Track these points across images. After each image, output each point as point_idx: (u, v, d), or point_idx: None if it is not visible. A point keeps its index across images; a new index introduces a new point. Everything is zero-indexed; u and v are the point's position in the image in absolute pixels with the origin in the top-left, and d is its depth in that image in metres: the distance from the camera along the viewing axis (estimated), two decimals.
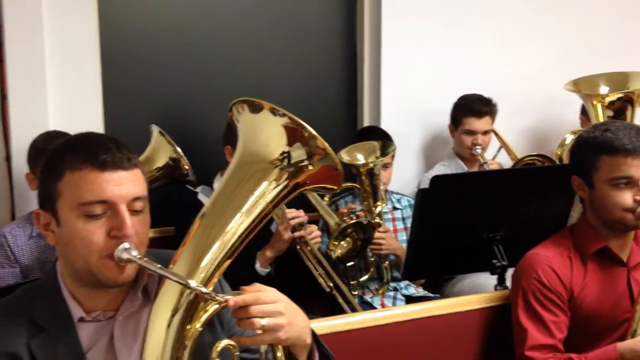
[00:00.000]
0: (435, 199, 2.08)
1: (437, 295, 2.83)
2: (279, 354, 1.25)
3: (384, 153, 2.66)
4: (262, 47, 3.13)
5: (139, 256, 1.21)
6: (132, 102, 2.92)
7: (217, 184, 2.66)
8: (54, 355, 1.23)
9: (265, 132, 1.22)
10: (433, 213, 2.10)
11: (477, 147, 3.05)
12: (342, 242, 2.51)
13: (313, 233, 2.45)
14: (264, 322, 1.18)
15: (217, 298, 1.17)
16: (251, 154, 1.23)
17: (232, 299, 1.18)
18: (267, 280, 2.34)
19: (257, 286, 1.23)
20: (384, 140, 2.75)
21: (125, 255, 1.20)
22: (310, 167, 1.22)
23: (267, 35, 3.13)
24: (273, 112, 1.22)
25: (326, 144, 1.21)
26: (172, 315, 1.18)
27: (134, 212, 1.24)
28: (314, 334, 1.30)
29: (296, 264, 2.47)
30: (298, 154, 1.20)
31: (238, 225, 1.21)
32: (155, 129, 2.40)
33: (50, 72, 2.64)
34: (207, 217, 1.24)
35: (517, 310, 1.87)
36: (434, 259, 2.20)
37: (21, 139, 2.59)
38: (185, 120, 2.99)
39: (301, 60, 3.22)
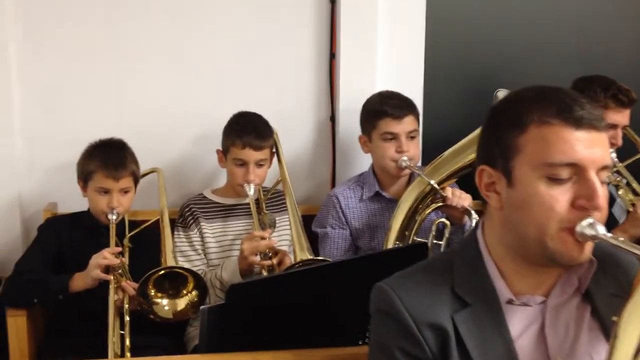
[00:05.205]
0: None
1: None
2: None
3: None
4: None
5: (609, 235, 1.03)
6: (449, 71, 2.82)
7: None
8: (480, 335, 1.11)
9: None
10: None
11: None
12: None
13: None
14: None
15: None
16: None
17: None
18: None
19: None
20: None
21: (589, 232, 1.04)
22: None
23: None
24: None
25: None
26: None
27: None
28: None
29: None
30: None
31: None
32: (501, 94, 2.20)
33: (381, 37, 2.60)
34: None
35: None
36: None
37: (347, 99, 2.59)
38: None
39: None
